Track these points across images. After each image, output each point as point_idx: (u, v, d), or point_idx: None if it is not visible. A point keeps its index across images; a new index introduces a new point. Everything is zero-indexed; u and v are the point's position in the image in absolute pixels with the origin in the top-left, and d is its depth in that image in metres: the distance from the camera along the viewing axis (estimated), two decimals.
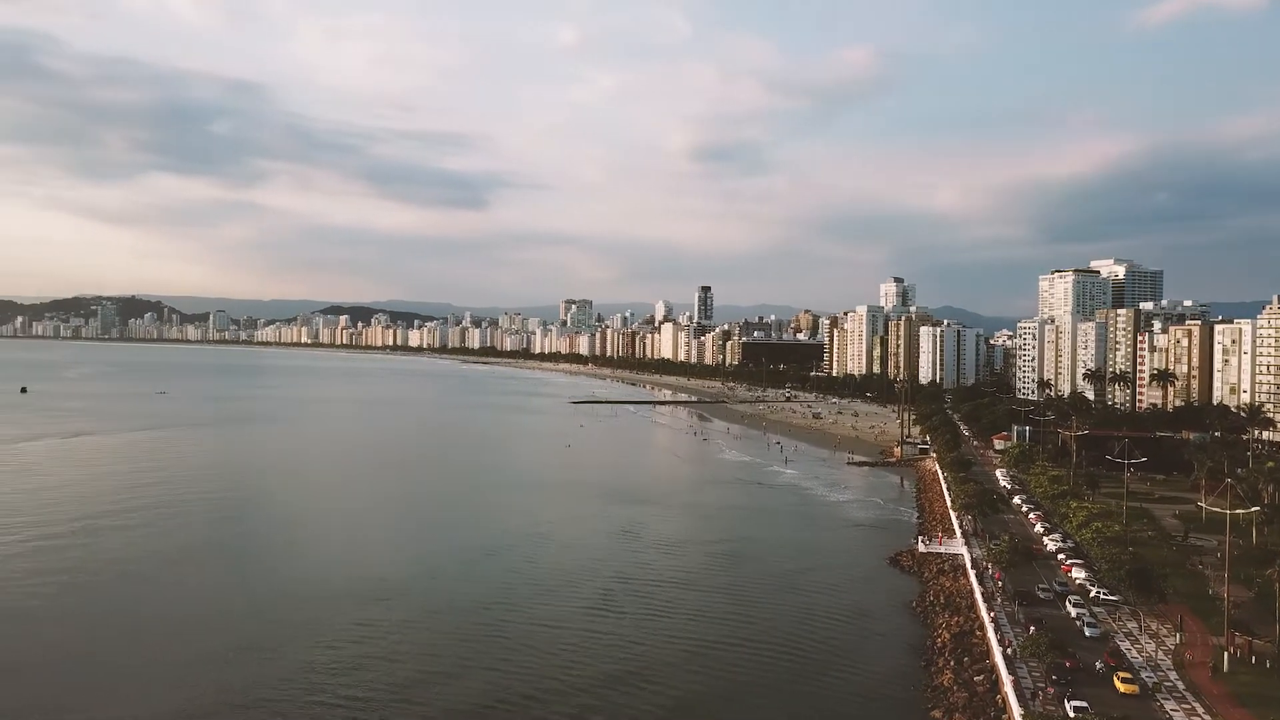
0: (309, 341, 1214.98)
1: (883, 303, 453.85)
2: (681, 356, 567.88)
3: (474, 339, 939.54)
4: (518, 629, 75.67)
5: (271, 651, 69.02)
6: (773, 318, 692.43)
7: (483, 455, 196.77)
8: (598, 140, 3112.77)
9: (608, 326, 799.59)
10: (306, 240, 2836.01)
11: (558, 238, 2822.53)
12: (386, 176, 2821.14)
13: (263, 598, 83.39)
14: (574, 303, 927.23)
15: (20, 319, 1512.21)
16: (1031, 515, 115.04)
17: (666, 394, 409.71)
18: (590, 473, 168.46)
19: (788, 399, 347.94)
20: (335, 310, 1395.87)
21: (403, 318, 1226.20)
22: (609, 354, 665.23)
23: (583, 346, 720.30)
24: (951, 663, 67.84)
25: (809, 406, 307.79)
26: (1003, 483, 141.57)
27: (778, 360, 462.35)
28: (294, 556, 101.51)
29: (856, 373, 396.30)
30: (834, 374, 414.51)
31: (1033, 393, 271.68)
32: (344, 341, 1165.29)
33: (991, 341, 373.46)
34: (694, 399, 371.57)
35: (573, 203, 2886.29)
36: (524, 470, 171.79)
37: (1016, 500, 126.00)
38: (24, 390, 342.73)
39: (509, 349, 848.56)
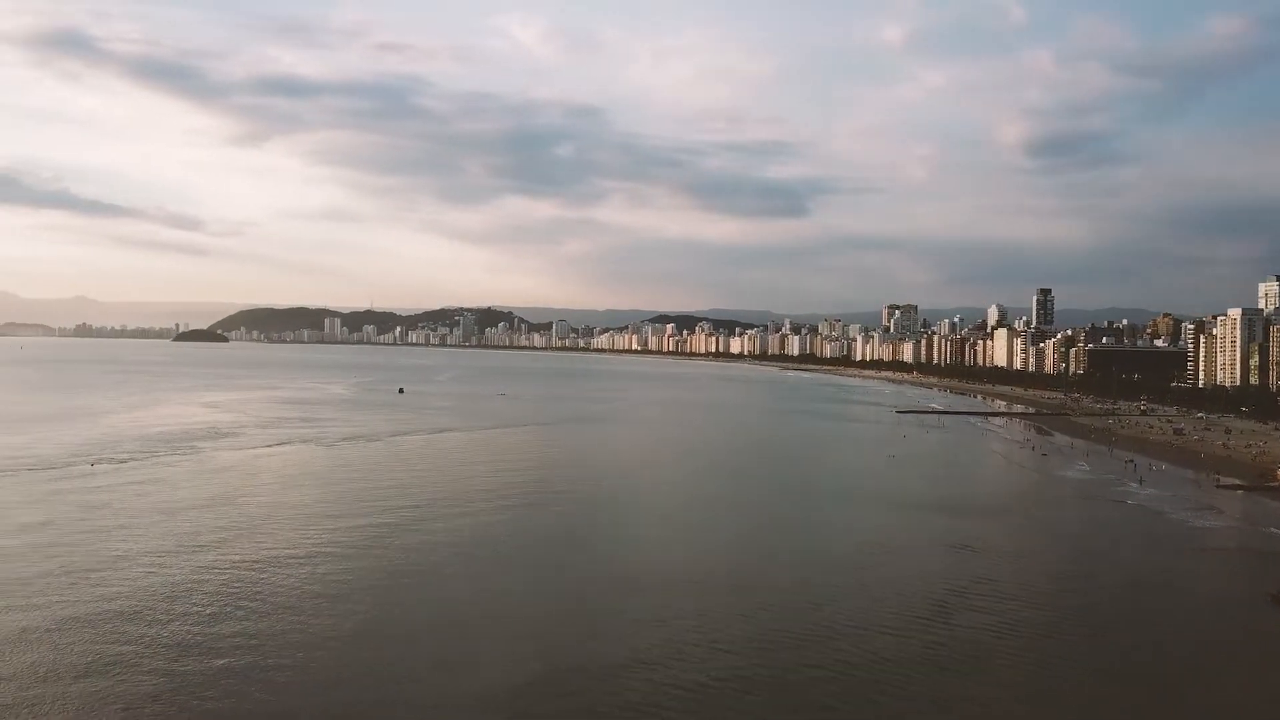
0: (638, 348, 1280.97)
1: (1261, 304, 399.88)
2: (1017, 364, 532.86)
3: (793, 346, 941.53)
4: (850, 633, 75.55)
5: (614, 635, 74.34)
6: (1124, 322, 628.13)
7: (805, 461, 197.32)
8: (924, 138, 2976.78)
9: (934, 332, 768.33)
10: (637, 253, 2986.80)
11: (879, 241, 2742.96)
12: (711, 189, 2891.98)
13: (606, 583, 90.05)
14: (897, 308, 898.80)
15: (399, 328, 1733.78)
16: None
17: (1000, 404, 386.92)
18: (917, 483, 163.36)
19: (1143, 412, 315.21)
20: (662, 319, 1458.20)
21: (724, 325, 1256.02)
22: (935, 361, 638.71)
23: (906, 353, 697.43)
24: None
25: (1169, 421, 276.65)
26: None
27: (1130, 369, 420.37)
28: (633, 548, 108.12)
29: (1228, 384, 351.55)
30: (1199, 385, 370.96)
31: None
32: (670, 348, 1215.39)
33: None
34: (1031, 410, 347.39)
35: (895, 204, 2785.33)
36: (847, 477, 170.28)
37: None
38: (401, 391, 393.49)
39: (828, 356, 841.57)
